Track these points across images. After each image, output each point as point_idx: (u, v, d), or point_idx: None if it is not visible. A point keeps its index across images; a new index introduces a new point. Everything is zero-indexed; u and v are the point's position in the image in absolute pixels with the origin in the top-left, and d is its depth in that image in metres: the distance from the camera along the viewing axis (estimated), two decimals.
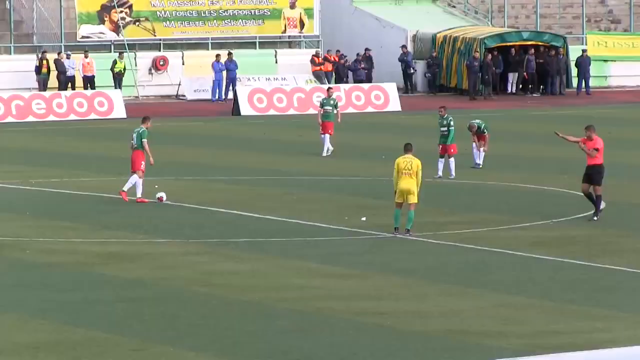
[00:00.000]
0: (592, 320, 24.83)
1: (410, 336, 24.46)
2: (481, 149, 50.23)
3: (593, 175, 38.31)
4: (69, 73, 75.63)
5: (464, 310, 26.91)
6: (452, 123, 48.72)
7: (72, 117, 72.17)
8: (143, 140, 45.17)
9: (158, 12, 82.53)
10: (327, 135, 55.57)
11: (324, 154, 55.41)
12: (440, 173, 46.67)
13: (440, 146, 48.43)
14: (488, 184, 48.55)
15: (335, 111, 58.81)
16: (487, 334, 23.78)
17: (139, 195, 43.52)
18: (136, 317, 26.57)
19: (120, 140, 52.53)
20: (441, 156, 47.45)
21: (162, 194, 44.07)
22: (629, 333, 22.56)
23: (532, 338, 22.37)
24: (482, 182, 48.88)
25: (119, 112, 71.68)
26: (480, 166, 49.70)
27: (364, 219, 39.49)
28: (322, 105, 59.04)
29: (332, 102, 59.37)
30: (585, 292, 28.78)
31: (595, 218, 37.69)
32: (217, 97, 77.76)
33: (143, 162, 44.17)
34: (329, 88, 65.29)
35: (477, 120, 45.41)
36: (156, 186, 44.81)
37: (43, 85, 75.64)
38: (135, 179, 44.15)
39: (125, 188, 43.67)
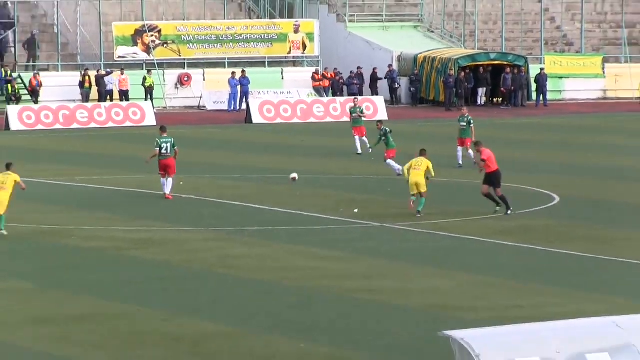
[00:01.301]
0: (549, 296, 25.55)
1: (396, 310, 25.31)
2: (469, 151, 49.59)
3: (492, 180, 39.11)
4: (107, 87, 75.41)
5: (441, 288, 27.64)
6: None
7: (110, 124, 71.68)
8: (175, 148, 44.83)
9: (183, 36, 79.54)
10: (358, 137, 55.55)
11: (358, 151, 55.40)
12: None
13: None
14: (462, 181, 47.27)
15: (362, 117, 58.72)
16: (461, 308, 24.42)
17: (167, 192, 43.40)
18: (164, 293, 27.47)
19: (151, 144, 48.89)
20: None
21: (295, 175, 44.42)
22: (579, 307, 23.08)
23: (499, 311, 23.05)
24: (458, 180, 47.54)
25: (150, 120, 70.62)
26: (460, 166, 49.19)
27: (356, 210, 39.74)
28: (351, 113, 58.97)
29: (358, 109, 59.37)
30: (543, 273, 29.28)
31: (508, 212, 38.13)
32: (232, 107, 76.56)
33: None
34: (355, 98, 65.49)
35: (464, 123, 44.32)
36: (181, 183, 44.86)
37: (85, 98, 75.15)
38: (171, 182, 44.26)
39: (169, 191, 43.79)
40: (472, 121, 50.29)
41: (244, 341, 22.54)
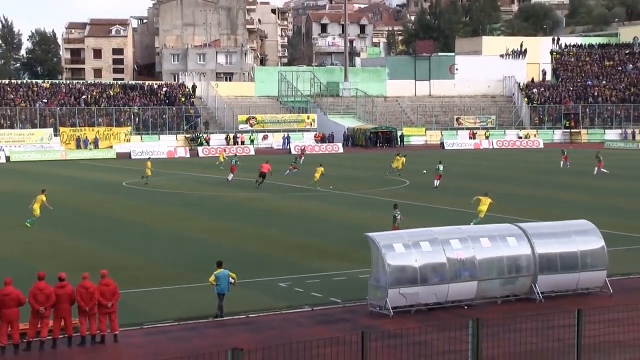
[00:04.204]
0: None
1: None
2: (437, 181, 59.52)
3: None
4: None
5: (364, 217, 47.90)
6: (441, 167, 60.63)
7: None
8: (238, 163, 66.62)
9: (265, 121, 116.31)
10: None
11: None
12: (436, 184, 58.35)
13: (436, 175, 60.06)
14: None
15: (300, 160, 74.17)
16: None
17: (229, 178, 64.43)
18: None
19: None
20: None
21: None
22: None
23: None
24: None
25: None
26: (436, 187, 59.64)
27: (331, 187, 60.50)
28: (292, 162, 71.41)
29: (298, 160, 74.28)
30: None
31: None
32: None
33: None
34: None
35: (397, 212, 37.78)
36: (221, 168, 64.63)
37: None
38: (231, 176, 64.46)
39: (230, 178, 64.54)
40: (442, 166, 61.35)
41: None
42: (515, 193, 57.25)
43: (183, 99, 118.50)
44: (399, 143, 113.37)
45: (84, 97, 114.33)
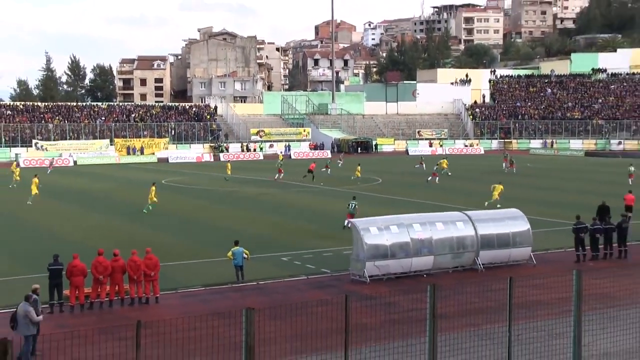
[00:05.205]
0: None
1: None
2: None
3: None
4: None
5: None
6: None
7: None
8: (281, 165, 65.09)
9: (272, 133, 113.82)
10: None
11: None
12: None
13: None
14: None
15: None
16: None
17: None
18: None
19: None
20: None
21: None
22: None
23: None
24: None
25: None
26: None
27: (322, 183, 59.39)
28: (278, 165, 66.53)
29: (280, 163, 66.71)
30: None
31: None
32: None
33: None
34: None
35: (353, 202, 35.84)
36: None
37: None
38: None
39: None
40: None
41: None
42: (462, 188, 56.59)
43: (208, 117, 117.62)
44: (374, 150, 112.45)
45: (133, 115, 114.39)
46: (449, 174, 60.01)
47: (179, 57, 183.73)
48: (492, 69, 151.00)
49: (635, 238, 31.27)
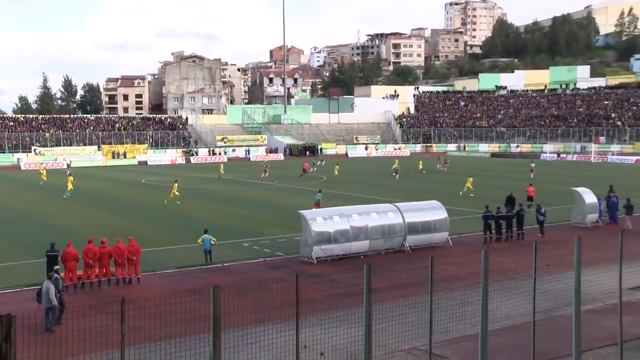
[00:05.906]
0: None
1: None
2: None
3: None
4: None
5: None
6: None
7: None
8: (266, 165, 63.02)
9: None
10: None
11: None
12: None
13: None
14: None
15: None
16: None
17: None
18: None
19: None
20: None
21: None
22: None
23: None
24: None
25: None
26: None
27: (276, 181, 58.09)
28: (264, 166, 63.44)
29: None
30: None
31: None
32: None
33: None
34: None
35: (319, 194, 35.95)
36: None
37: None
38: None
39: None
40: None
41: None
42: (392, 183, 55.68)
43: (181, 126, 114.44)
44: (320, 152, 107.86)
45: (117, 125, 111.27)
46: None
47: (156, 76, 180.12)
48: (416, 86, 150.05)
49: (528, 223, 31.29)
